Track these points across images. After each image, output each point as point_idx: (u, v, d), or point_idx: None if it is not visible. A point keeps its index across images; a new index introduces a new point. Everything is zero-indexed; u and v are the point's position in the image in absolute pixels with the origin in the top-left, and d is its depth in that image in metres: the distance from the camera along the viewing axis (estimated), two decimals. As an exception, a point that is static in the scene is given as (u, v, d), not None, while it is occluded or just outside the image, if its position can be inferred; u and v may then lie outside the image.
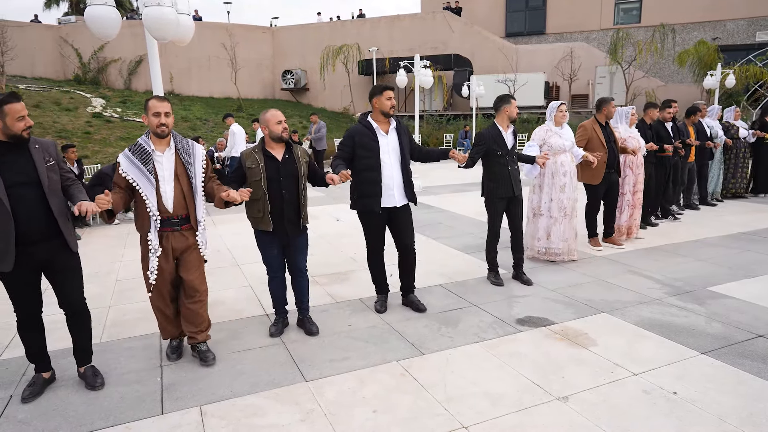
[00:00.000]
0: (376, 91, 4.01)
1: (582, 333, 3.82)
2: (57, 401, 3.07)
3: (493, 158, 4.74)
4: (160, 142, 3.33)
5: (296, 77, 25.38)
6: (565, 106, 5.47)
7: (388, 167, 4.01)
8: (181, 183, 3.33)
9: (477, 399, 2.98)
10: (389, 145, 4.03)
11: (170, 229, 3.33)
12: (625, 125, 6.39)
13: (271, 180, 3.62)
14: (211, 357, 3.52)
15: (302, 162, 3.75)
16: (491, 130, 4.76)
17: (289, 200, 3.68)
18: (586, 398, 2.94)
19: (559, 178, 5.38)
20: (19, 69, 21.35)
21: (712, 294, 4.53)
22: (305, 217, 3.78)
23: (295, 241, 3.81)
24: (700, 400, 2.87)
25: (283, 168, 3.66)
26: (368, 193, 4.01)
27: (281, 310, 4.03)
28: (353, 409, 2.92)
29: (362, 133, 4.00)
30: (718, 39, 22.03)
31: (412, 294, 4.45)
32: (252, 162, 3.63)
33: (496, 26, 26.14)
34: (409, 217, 4.22)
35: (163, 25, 3.71)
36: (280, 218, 3.67)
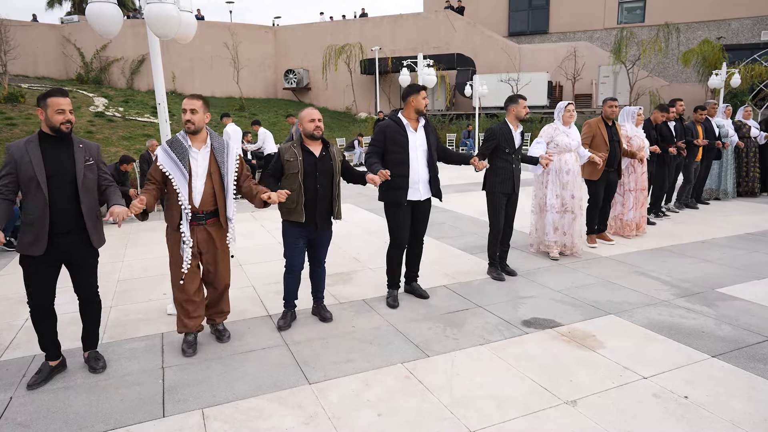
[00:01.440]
0: (412, 90, 4.20)
1: (589, 335, 3.76)
2: (58, 403, 3.03)
3: (500, 155, 4.88)
4: (195, 138, 3.46)
5: (298, 77, 25.33)
6: (573, 106, 5.56)
7: (414, 162, 4.20)
8: (213, 180, 3.47)
9: (483, 402, 2.93)
10: (417, 142, 4.22)
11: (196, 223, 3.48)
12: (631, 124, 6.49)
13: (307, 174, 3.76)
14: (227, 335, 3.84)
15: (337, 160, 3.91)
16: (502, 127, 4.90)
17: (323, 195, 3.84)
18: (595, 402, 2.89)
19: (563, 176, 5.50)
20: (21, 68, 21.35)
21: (721, 296, 4.47)
22: (338, 213, 3.97)
23: (322, 234, 4.00)
24: (712, 405, 2.81)
25: (320, 164, 3.81)
26: (396, 185, 4.17)
27: (291, 303, 4.14)
28: (357, 412, 2.87)
29: (393, 128, 4.20)
30: (722, 38, 21.92)
31: (416, 282, 4.66)
32: (290, 156, 3.77)
33: (499, 25, 26.07)
34: (428, 211, 4.46)
35: (165, 22, 3.66)
36: (312, 211, 3.81)
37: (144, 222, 3.77)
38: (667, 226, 7.15)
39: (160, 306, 4.55)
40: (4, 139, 13.77)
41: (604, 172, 5.93)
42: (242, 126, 14.36)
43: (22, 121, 15.21)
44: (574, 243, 5.65)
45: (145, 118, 17.62)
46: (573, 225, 5.60)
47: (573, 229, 5.60)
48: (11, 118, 15.21)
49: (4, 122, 14.86)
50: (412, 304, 4.48)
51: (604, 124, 5.96)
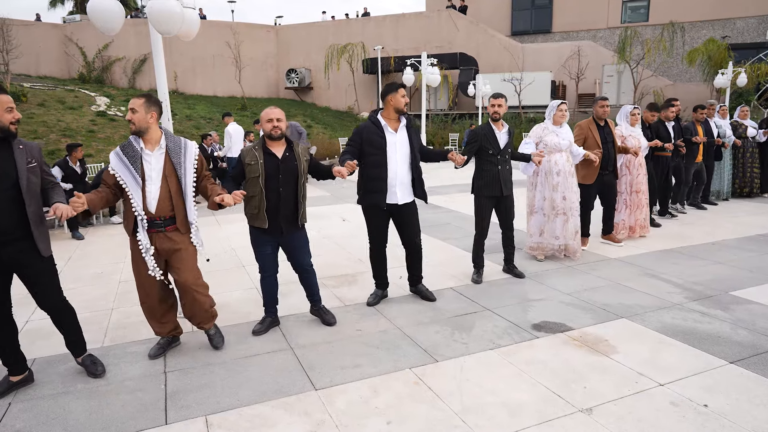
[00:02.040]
0: (391, 89, 4.05)
1: (602, 339, 3.67)
2: (57, 410, 2.95)
3: (484, 156, 4.76)
4: (148, 140, 3.25)
5: (300, 76, 25.25)
6: (566, 105, 5.40)
7: (393, 164, 4.05)
8: (169, 184, 3.26)
9: (495, 410, 2.84)
10: (397, 143, 4.07)
11: (155, 230, 3.28)
12: (625, 124, 6.32)
13: (269, 177, 3.60)
14: (221, 341, 3.66)
15: (303, 160, 3.73)
16: (484, 128, 4.77)
17: (286, 198, 3.67)
18: (612, 410, 2.80)
19: (552, 177, 5.32)
20: (24, 68, 21.30)
21: (735, 299, 4.37)
22: (303, 216, 3.79)
23: (293, 239, 3.81)
24: (733, 414, 2.72)
25: (282, 165, 3.64)
26: (373, 188, 4.07)
27: (271, 309, 4.02)
28: (366, 420, 2.78)
29: (370, 130, 4.06)
30: (727, 37, 21.78)
31: (421, 284, 4.55)
32: (251, 159, 3.62)
33: (501, 25, 25.97)
34: (413, 214, 4.28)
35: (168, 18, 3.58)
36: (275, 215, 3.66)
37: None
38: (676, 227, 7.05)
39: (162, 308, 4.46)
40: (6, 138, 13.71)
41: (598, 176, 5.73)
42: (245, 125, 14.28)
43: (24, 120, 15.14)
44: (569, 245, 5.47)
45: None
46: (566, 227, 5.40)
47: (566, 231, 5.41)
48: (13, 117, 15.14)
49: (6, 121, 14.80)
50: (419, 306, 4.39)
51: (596, 125, 5.77)
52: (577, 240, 5.52)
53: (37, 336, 3.97)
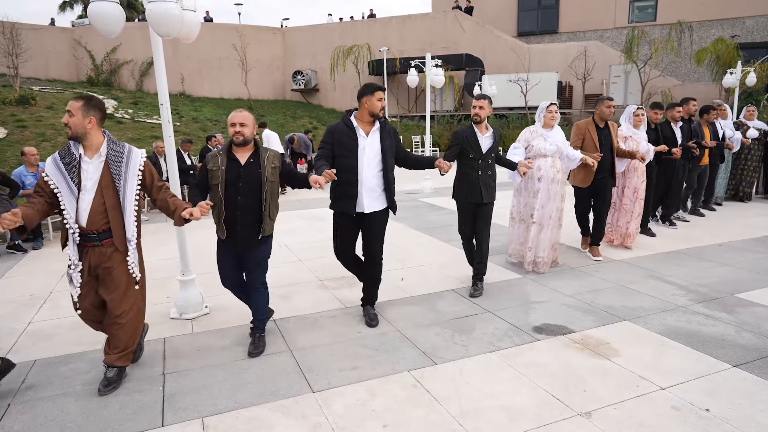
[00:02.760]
0: (366, 91, 3.80)
1: (603, 342, 3.63)
2: (55, 411, 2.95)
3: (465, 160, 4.53)
4: (88, 146, 2.99)
5: (306, 78, 25.31)
6: (555, 106, 5.10)
7: (361, 169, 3.81)
8: (104, 195, 2.97)
9: (494, 413, 2.81)
10: (367, 148, 3.82)
11: (90, 244, 3.01)
12: (627, 124, 5.95)
13: (229, 184, 3.39)
14: (110, 387, 3.12)
15: (268, 167, 3.46)
16: (466, 131, 4.53)
17: (246, 207, 3.42)
18: (611, 414, 2.76)
19: (534, 183, 5.06)
20: (33, 71, 21.52)
21: (741, 301, 4.30)
22: (266, 228, 3.49)
23: (251, 252, 3.53)
24: (736, 419, 2.67)
25: (243, 172, 3.41)
26: (344, 193, 3.84)
27: None
28: (363, 423, 2.76)
29: (342, 131, 3.83)
30: (736, 36, 21.56)
31: (371, 306, 4.19)
32: (214, 164, 3.44)
33: (507, 25, 25.87)
34: (380, 226, 3.98)
35: (167, 20, 3.58)
36: (233, 226, 3.43)
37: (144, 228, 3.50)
38: (683, 229, 6.97)
39: (163, 310, 4.47)
40: (15, 141, 13.85)
41: (594, 180, 5.42)
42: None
43: (32, 123, 15.30)
44: (538, 257, 5.12)
45: (153, 119, 17.66)
46: (539, 238, 5.10)
47: (539, 242, 5.11)
48: (22, 120, 15.30)
49: (16, 124, 14.96)
50: (420, 309, 4.37)
51: (595, 126, 5.43)
52: (549, 254, 5.18)
53: (39, 337, 3.99)
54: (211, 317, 4.31)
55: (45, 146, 13.97)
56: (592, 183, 5.47)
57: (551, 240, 5.16)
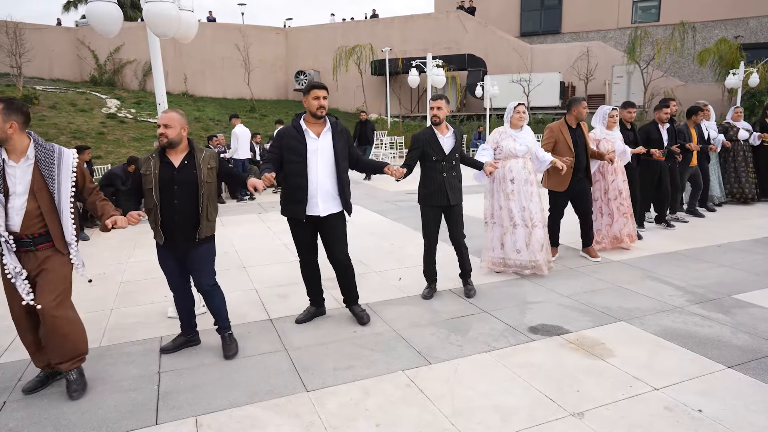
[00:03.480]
0: (305, 90, 3.72)
1: (598, 343, 3.62)
2: (51, 409, 2.97)
3: (427, 163, 4.38)
4: (12, 149, 2.88)
5: (309, 78, 25.30)
6: (523, 106, 4.97)
7: (314, 173, 3.71)
8: (38, 199, 2.89)
9: (486, 413, 2.81)
10: (319, 150, 3.72)
11: (24, 249, 2.92)
12: (601, 126, 5.82)
13: (163, 189, 3.29)
14: (80, 392, 3.08)
15: (204, 168, 3.36)
16: (426, 133, 4.39)
17: (183, 211, 3.32)
18: (603, 414, 2.76)
19: (506, 185, 4.93)
20: (36, 71, 21.63)
21: (738, 302, 4.29)
22: (204, 229, 3.40)
23: (192, 256, 3.45)
24: (728, 419, 2.66)
25: (178, 175, 3.31)
26: (293, 198, 3.74)
27: (185, 327, 3.70)
28: (355, 423, 2.77)
29: (290, 134, 3.73)
30: (740, 37, 21.49)
31: (356, 305, 4.16)
32: (146, 168, 3.31)
33: (510, 26, 25.85)
34: (339, 229, 3.92)
35: (164, 21, 3.60)
36: (171, 230, 3.34)
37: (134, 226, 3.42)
38: (682, 230, 6.95)
39: (160, 309, 4.50)
40: (18, 140, 13.93)
41: (570, 182, 5.29)
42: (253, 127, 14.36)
43: (35, 122, 15.37)
44: (535, 260, 4.98)
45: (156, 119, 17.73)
46: (530, 240, 4.95)
47: (531, 245, 4.95)
48: (25, 119, 15.39)
49: (18, 124, 15.05)
50: (416, 308, 4.38)
51: (568, 128, 5.31)
52: (545, 254, 5.06)
53: (37, 336, 4.01)
54: (207, 316, 4.29)
55: (48, 146, 14.02)
56: (570, 186, 5.32)
57: (543, 240, 5.04)
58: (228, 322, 3.69)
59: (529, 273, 5.05)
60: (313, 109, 3.68)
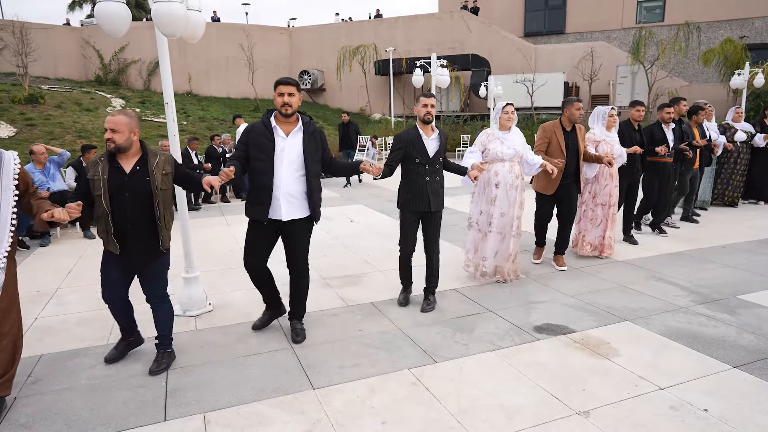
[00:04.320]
0: (273, 87, 3.52)
1: (604, 342, 3.64)
2: (60, 405, 3.00)
3: (410, 165, 4.16)
4: None
5: (313, 77, 25.40)
6: (512, 106, 4.78)
7: (278, 173, 3.50)
8: None
9: (492, 412, 2.83)
10: (287, 150, 3.51)
11: None
12: (600, 127, 5.60)
13: (114, 196, 3.10)
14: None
15: (158, 175, 3.18)
16: (411, 132, 4.17)
17: (136, 219, 3.15)
18: (609, 413, 2.77)
19: (491, 189, 4.75)
20: (42, 70, 21.73)
21: (743, 303, 4.30)
22: (164, 240, 3.25)
23: (148, 267, 3.30)
24: (734, 419, 2.67)
25: (128, 182, 3.13)
26: (257, 199, 3.54)
27: (124, 334, 3.55)
28: (361, 420, 2.79)
29: (258, 131, 3.53)
30: (745, 37, 21.42)
31: (298, 321, 3.89)
32: (94, 173, 3.11)
33: (514, 26, 25.83)
34: (303, 235, 3.70)
35: (173, 20, 3.63)
36: (124, 240, 3.16)
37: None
38: (687, 230, 6.94)
39: (167, 307, 4.52)
40: (24, 139, 13.99)
41: (559, 186, 5.10)
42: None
43: (41, 121, 15.45)
44: (504, 267, 4.85)
45: (160, 118, 17.79)
46: (501, 247, 4.81)
47: (500, 252, 4.82)
48: (31, 118, 15.46)
49: (24, 123, 15.12)
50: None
51: (562, 129, 5.12)
52: (513, 263, 4.92)
53: (45, 333, 4.06)
54: (215, 314, 4.36)
55: (53, 144, 14.10)
56: (557, 190, 5.15)
57: (512, 250, 4.86)
58: (171, 340, 3.49)
59: (496, 280, 4.92)
60: (277, 106, 3.49)
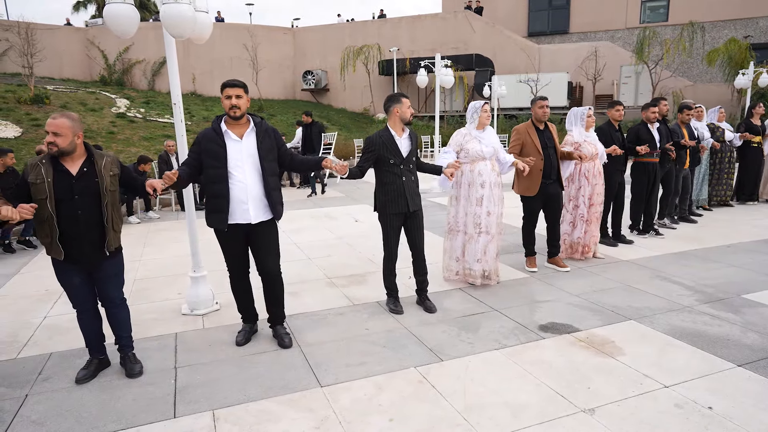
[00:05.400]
0: (220, 89, 3.48)
1: (608, 341, 3.66)
2: (71, 402, 3.05)
3: (384, 167, 4.08)
4: None
5: (317, 78, 25.42)
6: (489, 105, 4.78)
7: (240, 177, 3.43)
8: None
9: (497, 409, 2.86)
10: (243, 152, 3.44)
11: None
12: (579, 128, 5.54)
13: (61, 199, 3.00)
14: None
15: (106, 176, 3.12)
16: (382, 134, 4.09)
17: (87, 221, 3.07)
18: (614, 411, 2.79)
19: (476, 190, 4.66)
20: (47, 71, 21.82)
21: (747, 302, 4.31)
22: (113, 240, 3.18)
23: (101, 267, 3.21)
24: (738, 417, 2.70)
25: (77, 184, 3.04)
26: (214, 207, 3.48)
27: (95, 349, 3.40)
28: (369, 417, 2.82)
29: (209, 137, 3.44)
30: (749, 37, 21.36)
31: (280, 326, 3.85)
32: (36, 176, 2.97)
33: (518, 25, 25.82)
34: (270, 236, 3.64)
35: (180, 22, 3.67)
36: (76, 243, 3.08)
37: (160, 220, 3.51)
38: (690, 229, 6.95)
39: (174, 306, 4.57)
40: (30, 139, 14.08)
41: (541, 185, 5.06)
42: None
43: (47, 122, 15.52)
44: (491, 268, 4.81)
45: (165, 118, 17.85)
46: (488, 247, 4.74)
47: (488, 253, 4.76)
48: (37, 119, 15.54)
49: (30, 123, 15.20)
50: (427, 306, 4.42)
51: (535, 129, 5.09)
52: (496, 264, 4.90)
53: (55, 331, 4.10)
54: (222, 313, 4.39)
55: (59, 145, 14.17)
56: (540, 189, 5.10)
57: (497, 251, 4.85)
58: (132, 341, 3.48)
59: (480, 283, 4.84)
60: (225, 109, 3.43)
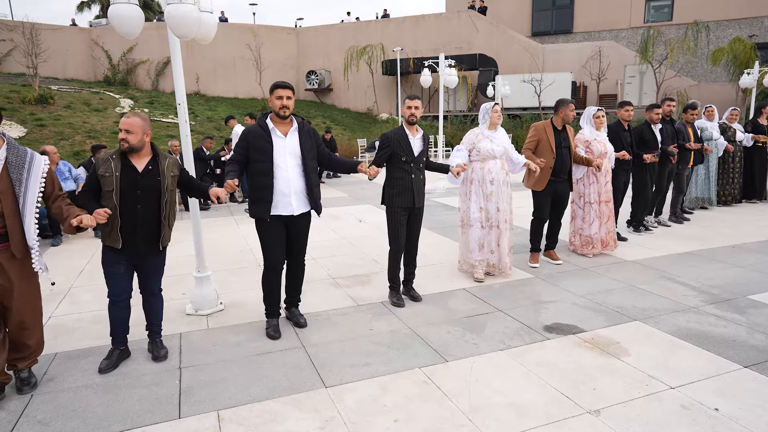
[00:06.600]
0: (270, 90, 3.73)
1: (614, 342, 3.65)
2: (77, 402, 3.05)
3: (396, 164, 4.35)
4: None
5: (320, 78, 25.45)
6: (499, 106, 5.00)
7: (284, 172, 3.70)
8: (2, 201, 2.87)
9: (502, 410, 2.85)
10: (287, 148, 3.71)
11: None
12: (590, 127, 5.75)
13: (125, 193, 3.23)
14: (31, 383, 3.19)
15: (168, 176, 3.36)
16: (397, 132, 4.35)
17: (145, 217, 3.30)
18: (620, 412, 2.78)
19: (486, 186, 4.89)
20: (51, 71, 21.92)
21: (753, 303, 4.29)
22: (165, 238, 3.42)
23: (150, 261, 3.46)
24: (745, 418, 2.68)
25: (141, 181, 3.27)
26: (259, 198, 3.72)
27: (119, 340, 3.54)
28: (374, 418, 2.82)
29: (256, 134, 3.71)
30: (754, 36, 21.27)
31: (296, 308, 4.17)
32: (106, 170, 3.22)
33: (522, 25, 25.79)
34: (307, 226, 3.95)
35: (185, 22, 3.67)
36: (132, 235, 3.29)
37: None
38: (695, 229, 6.93)
39: (178, 306, 4.57)
40: (34, 139, 14.14)
41: (549, 182, 5.26)
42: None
43: (51, 122, 15.60)
44: (502, 261, 5.02)
45: (169, 118, 17.90)
46: (500, 241, 4.97)
47: (501, 246, 4.98)
48: (41, 119, 15.61)
49: (35, 123, 15.26)
50: (432, 307, 4.42)
51: (553, 129, 5.29)
52: (510, 256, 5.09)
53: (60, 331, 4.10)
54: (226, 313, 4.40)
55: (63, 144, 14.24)
56: (549, 185, 5.29)
57: (510, 244, 5.07)
58: (161, 329, 3.72)
59: (497, 273, 5.06)
60: (276, 108, 3.68)
